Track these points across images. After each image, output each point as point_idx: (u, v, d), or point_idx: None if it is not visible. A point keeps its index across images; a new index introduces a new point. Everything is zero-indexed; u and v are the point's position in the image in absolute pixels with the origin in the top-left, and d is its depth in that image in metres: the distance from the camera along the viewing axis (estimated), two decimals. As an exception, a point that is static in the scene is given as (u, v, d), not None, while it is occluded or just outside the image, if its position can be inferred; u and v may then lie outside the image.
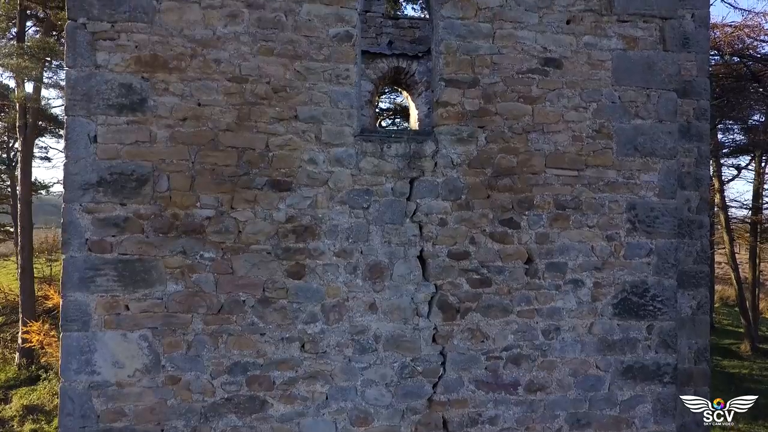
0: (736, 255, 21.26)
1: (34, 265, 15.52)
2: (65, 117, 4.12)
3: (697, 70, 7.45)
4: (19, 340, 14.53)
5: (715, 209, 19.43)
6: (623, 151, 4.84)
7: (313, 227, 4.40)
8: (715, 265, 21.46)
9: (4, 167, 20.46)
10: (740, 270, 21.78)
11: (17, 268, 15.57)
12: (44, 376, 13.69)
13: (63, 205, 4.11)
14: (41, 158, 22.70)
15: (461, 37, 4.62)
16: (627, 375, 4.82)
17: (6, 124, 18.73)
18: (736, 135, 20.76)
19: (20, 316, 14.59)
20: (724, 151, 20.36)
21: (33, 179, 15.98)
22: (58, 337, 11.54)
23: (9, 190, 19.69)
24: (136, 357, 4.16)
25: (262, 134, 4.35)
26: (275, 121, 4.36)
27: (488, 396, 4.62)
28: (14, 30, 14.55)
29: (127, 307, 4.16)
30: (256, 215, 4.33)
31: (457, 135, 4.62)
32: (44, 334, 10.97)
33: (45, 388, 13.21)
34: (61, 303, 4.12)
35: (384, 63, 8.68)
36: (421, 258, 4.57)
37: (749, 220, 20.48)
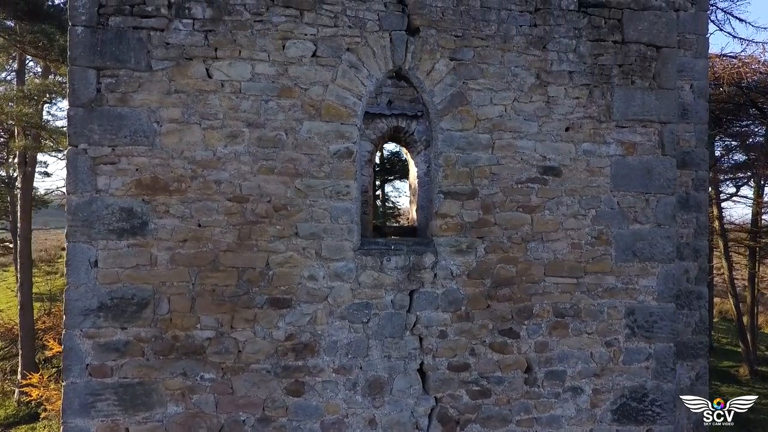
0: (734, 256, 21.30)
1: (33, 280, 15.53)
2: (66, 243, 4.14)
3: (695, 140, 7.47)
4: (19, 376, 14.52)
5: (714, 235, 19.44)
6: (622, 257, 4.86)
7: (313, 344, 4.42)
8: (714, 271, 21.27)
9: (3, 185, 20.39)
10: (739, 274, 21.75)
11: (17, 288, 15.57)
12: (44, 414, 13.66)
13: (63, 331, 4.12)
14: (40, 173, 22.65)
15: (460, 149, 4.64)
16: (626, 481, 4.84)
17: (5, 139, 18.63)
18: (734, 153, 20.78)
19: (20, 351, 14.59)
20: (723, 167, 20.32)
21: (32, 194, 15.89)
22: (59, 389, 11.51)
23: (9, 205, 19.60)
24: (137, 481, 4.17)
25: (263, 253, 4.36)
26: (276, 239, 4.38)
27: (487, 506, 4.64)
28: (15, 64, 14.59)
29: (127, 431, 4.17)
30: (256, 334, 4.34)
31: (456, 246, 4.63)
32: (44, 387, 10.97)
33: (45, 427, 13.18)
34: (61, 430, 4.13)
35: (383, 123, 8.68)
36: (421, 371, 4.59)
37: (749, 245, 20.48)
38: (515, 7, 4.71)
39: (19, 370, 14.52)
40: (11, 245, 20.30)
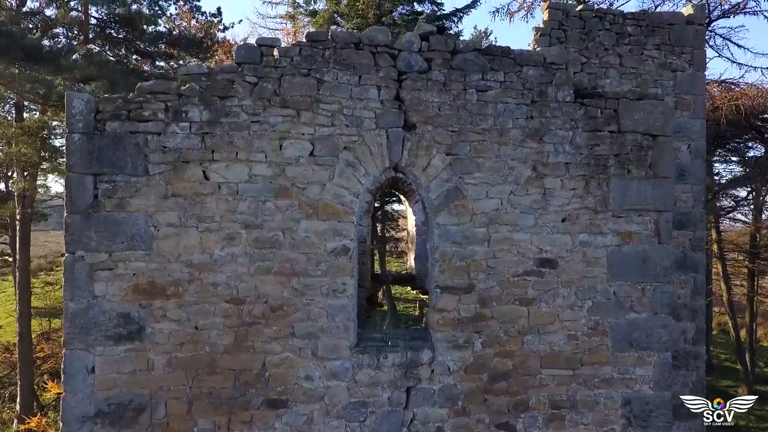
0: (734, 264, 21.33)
1: (32, 289, 15.50)
2: (64, 350, 4.14)
3: (693, 201, 7.51)
4: (18, 407, 14.53)
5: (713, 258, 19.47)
6: (618, 347, 4.87)
7: (310, 444, 4.43)
8: (712, 277, 21.14)
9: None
10: (738, 278, 21.76)
11: (16, 315, 15.58)
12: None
13: (61, 439, 4.13)
14: (41, 185, 22.61)
15: (456, 243, 4.65)
16: None
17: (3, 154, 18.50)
18: (733, 166, 20.80)
19: (19, 382, 14.59)
20: (723, 182, 20.30)
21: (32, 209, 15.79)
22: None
23: (8, 219, 19.51)
24: None
25: (259, 354, 4.37)
26: (272, 340, 4.39)
27: None
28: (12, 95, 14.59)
29: None
30: (253, 436, 4.35)
31: (454, 341, 4.64)
32: (42, 433, 10.98)
33: (44, 461, 13.16)
34: None
35: (383, 174, 8.70)
36: (418, 467, 4.60)
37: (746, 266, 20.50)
38: (512, 100, 4.73)
39: (18, 401, 14.53)
40: (10, 259, 20.27)
